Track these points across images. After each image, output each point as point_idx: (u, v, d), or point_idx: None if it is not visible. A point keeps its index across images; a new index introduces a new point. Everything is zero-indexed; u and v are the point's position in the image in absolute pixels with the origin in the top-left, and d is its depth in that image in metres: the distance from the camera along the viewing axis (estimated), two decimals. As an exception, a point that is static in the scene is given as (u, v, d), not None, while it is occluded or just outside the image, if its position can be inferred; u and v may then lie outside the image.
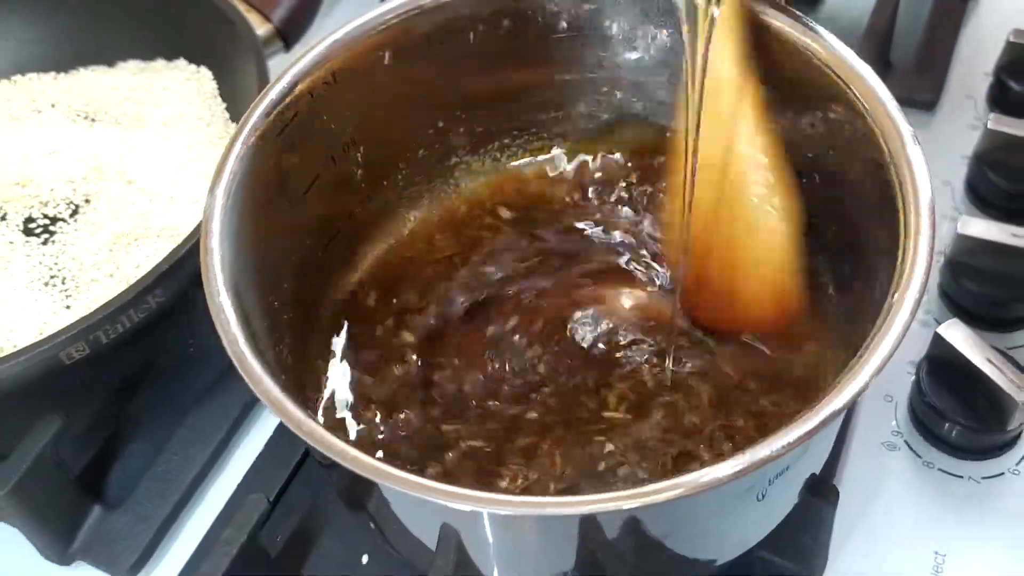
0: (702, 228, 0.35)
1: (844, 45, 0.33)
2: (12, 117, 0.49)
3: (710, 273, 0.36)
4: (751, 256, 0.35)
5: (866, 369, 0.26)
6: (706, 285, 0.36)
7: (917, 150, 0.30)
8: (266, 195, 0.34)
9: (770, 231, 0.34)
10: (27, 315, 0.41)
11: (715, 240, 0.35)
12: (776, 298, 0.35)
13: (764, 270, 0.35)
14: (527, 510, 0.25)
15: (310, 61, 0.35)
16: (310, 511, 0.40)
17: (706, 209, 0.35)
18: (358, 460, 0.26)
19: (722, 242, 0.35)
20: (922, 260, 0.27)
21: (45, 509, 0.39)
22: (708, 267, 0.36)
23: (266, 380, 0.28)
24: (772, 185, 0.34)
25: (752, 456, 0.25)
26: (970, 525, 0.39)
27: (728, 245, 0.35)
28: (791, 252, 0.34)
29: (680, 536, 0.30)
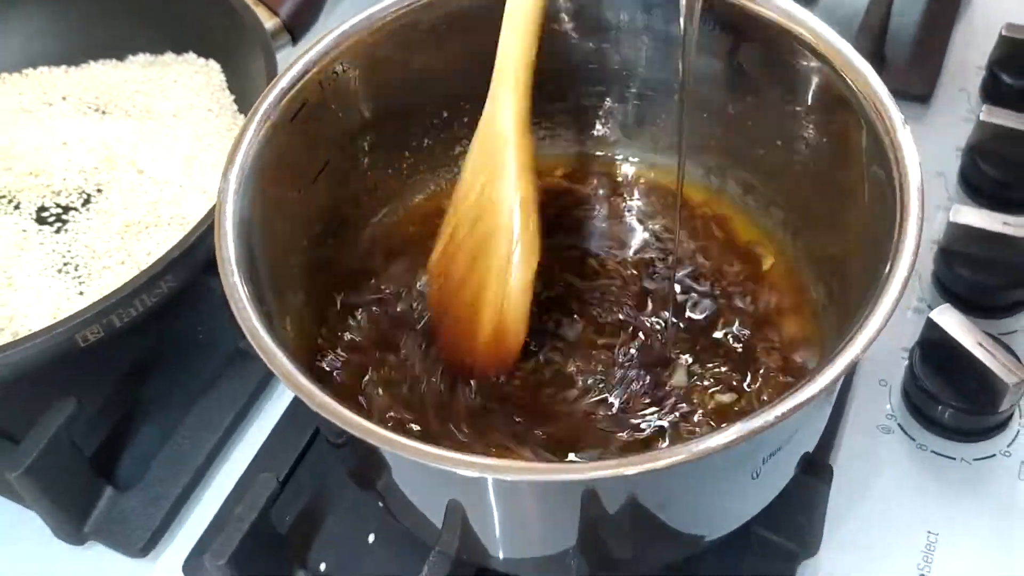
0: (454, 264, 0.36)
1: (835, 33, 0.34)
2: (24, 109, 0.50)
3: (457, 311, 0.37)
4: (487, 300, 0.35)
5: (860, 339, 0.27)
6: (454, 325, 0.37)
7: (907, 134, 0.31)
8: (277, 180, 0.35)
9: (502, 277, 0.35)
10: (41, 301, 0.42)
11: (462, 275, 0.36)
12: (495, 345, 0.36)
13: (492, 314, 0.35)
14: (530, 476, 0.26)
15: (320, 51, 0.36)
16: (318, 492, 0.41)
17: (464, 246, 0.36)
18: (368, 429, 0.27)
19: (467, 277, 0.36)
20: (911, 237, 0.28)
21: (59, 490, 0.39)
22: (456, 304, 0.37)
23: (280, 355, 0.28)
24: (516, 239, 0.35)
25: (746, 426, 0.26)
26: (962, 505, 0.40)
27: (471, 282, 0.36)
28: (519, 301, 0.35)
29: (676, 509, 0.31)
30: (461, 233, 0.36)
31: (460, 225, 0.36)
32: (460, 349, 0.37)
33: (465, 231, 0.35)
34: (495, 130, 0.35)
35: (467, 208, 0.35)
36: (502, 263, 0.34)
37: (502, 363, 0.37)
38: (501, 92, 0.35)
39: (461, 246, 0.36)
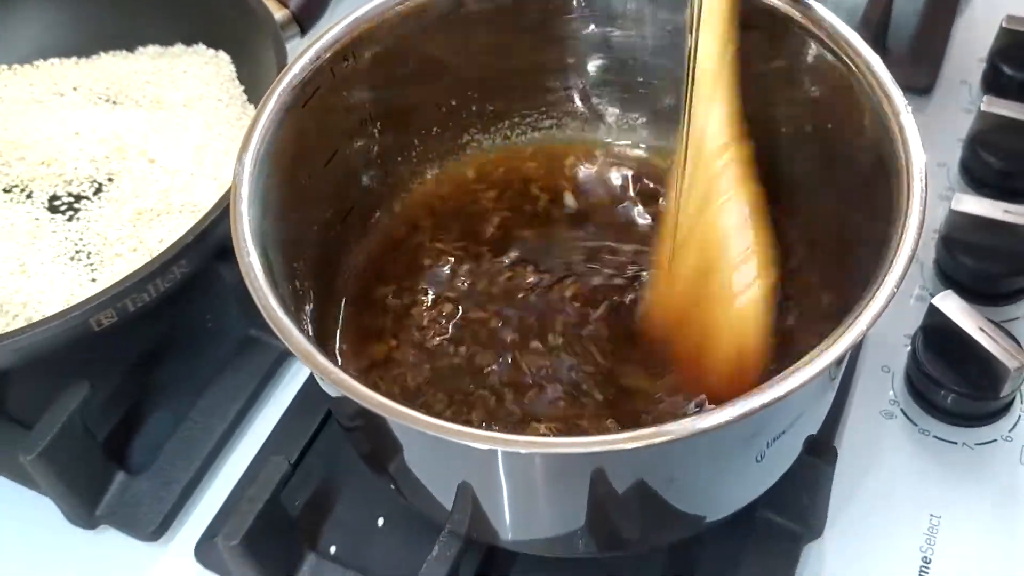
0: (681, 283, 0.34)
1: (839, 19, 0.34)
2: (35, 100, 0.51)
3: (682, 328, 0.35)
4: (722, 321, 0.33)
5: (864, 316, 0.27)
6: (676, 338, 0.35)
7: (910, 117, 0.31)
8: (289, 165, 0.35)
9: (743, 298, 0.33)
10: (54, 288, 0.43)
11: (690, 298, 0.34)
12: (737, 365, 0.34)
13: (731, 337, 0.33)
14: (539, 449, 0.27)
15: (332, 37, 0.36)
16: (328, 476, 0.41)
17: (686, 267, 0.34)
18: (380, 403, 0.27)
19: (696, 300, 0.34)
20: (915, 216, 0.29)
21: (72, 474, 0.40)
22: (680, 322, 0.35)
23: (295, 332, 0.29)
24: (751, 249, 0.33)
25: (754, 400, 0.26)
26: (964, 490, 0.40)
27: (702, 305, 0.34)
28: (760, 320, 0.33)
29: (682, 487, 0.31)
30: (688, 261, 0.33)
31: (684, 253, 0.33)
32: (695, 368, 0.35)
33: (691, 258, 0.33)
34: (708, 141, 0.33)
35: (687, 229, 0.33)
36: (734, 279, 0.32)
37: (744, 381, 0.32)
38: (712, 96, 0.33)
39: (687, 276, 0.33)
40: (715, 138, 0.33)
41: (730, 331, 0.33)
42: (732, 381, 0.33)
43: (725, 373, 0.34)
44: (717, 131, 0.33)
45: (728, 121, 0.33)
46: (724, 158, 0.33)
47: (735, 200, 0.33)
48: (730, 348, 0.33)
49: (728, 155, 0.33)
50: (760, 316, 0.33)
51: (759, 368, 0.33)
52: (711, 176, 0.33)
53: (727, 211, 0.33)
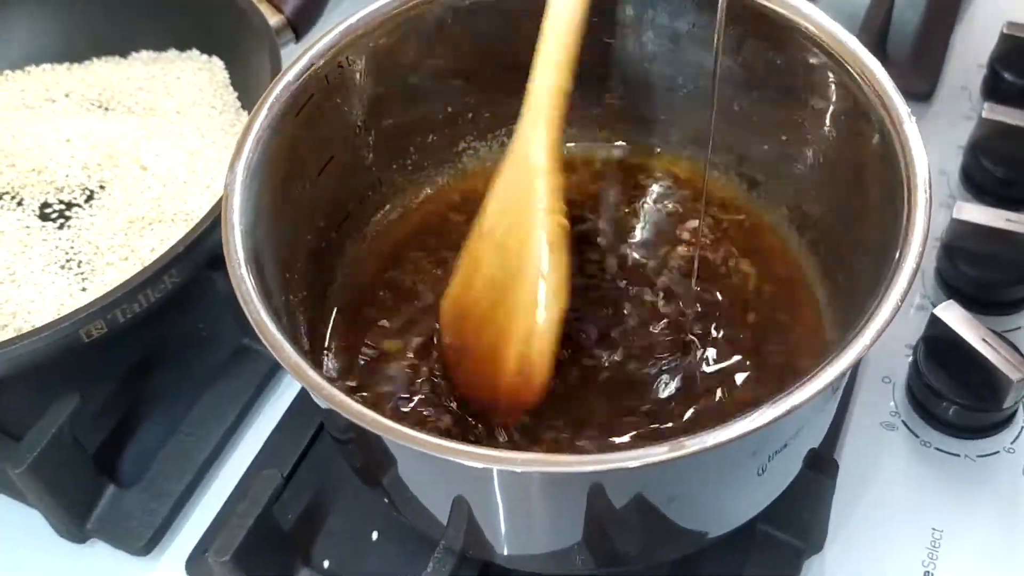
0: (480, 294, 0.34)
1: (841, 27, 0.34)
2: (27, 106, 0.50)
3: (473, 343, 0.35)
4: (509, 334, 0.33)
5: (868, 332, 0.27)
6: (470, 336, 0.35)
7: (913, 126, 0.31)
8: (283, 174, 0.35)
9: (529, 318, 0.33)
10: (44, 297, 0.42)
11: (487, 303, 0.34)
12: (517, 378, 0.34)
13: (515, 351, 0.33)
14: (536, 467, 0.26)
15: (326, 44, 0.36)
16: (322, 489, 0.41)
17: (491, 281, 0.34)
18: (374, 420, 0.27)
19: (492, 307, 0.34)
20: (919, 228, 0.28)
21: (61, 487, 0.39)
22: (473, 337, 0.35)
23: (287, 347, 0.28)
24: (544, 278, 0.33)
25: (755, 420, 0.26)
26: (966, 503, 0.40)
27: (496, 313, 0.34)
28: (541, 342, 0.33)
29: (683, 504, 0.31)
30: (485, 269, 0.34)
31: (482, 261, 0.34)
32: (479, 389, 0.35)
33: (489, 268, 0.34)
34: (525, 163, 0.33)
35: (491, 244, 0.34)
36: (529, 303, 0.32)
37: (524, 405, 0.34)
38: (533, 122, 0.33)
39: (484, 283, 0.34)
40: (533, 165, 0.34)
41: (515, 345, 0.33)
42: (509, 391, 0.34)
43: (504, 382, 0.34)
44: (539, 155, 0.34)
45: (551, 148, 0.34)
46: (539, 186, 0.33)
47: (541, 227, 0.33)
48: (513, 361, 0.34)
49: (542, 184, 0.33)
50: (541, 339, 0.33)
51: (536, 386, 0.34)
52: (526, 197, 0.34)
53: (533, 235, 0.33)
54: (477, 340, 0.35)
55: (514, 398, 0.35)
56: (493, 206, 0.35)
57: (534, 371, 0.33)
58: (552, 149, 0.33)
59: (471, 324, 0.35)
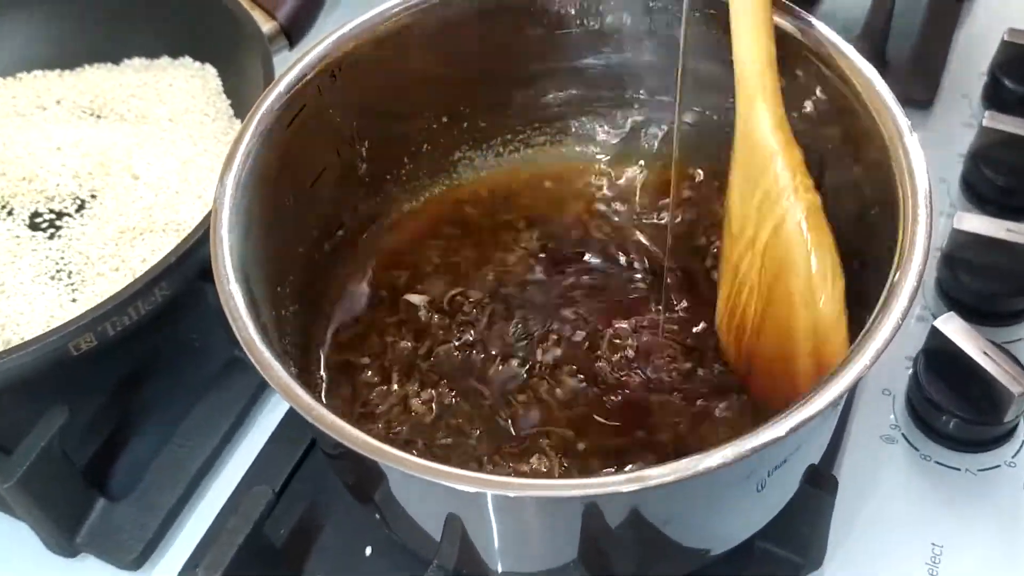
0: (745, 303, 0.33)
1: (841, 39, 0.33)
2: (18, 113, 0.50)
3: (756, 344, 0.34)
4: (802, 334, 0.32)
5: (867, 352, 0.26)
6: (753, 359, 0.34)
7: (914, 140, 0.30)
8: (274, 186, 0.34)
9: (820, 307, 0.31)
10: (34, 308, 0.41)
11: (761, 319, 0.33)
12: (819, 369, 0.32)
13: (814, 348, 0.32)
14: (530, 492, 0.26)
15: (318, 55, 0.36)
16: (314, 504, 0.40)
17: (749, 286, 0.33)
18: (366, 443, 0.26)
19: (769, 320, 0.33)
20: (920, 246, 0.28)
21: (51, 501, 0.39)
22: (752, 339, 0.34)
23: (276, 366, 0.28)
24: (814, 254, 0.31)
25: (754, 440, 0.25)
26: (967, 517, 0.39)
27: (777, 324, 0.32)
28: (842, 323, 0.31)
29: (680, 524, 0.30)
30: (748, 273, 0.32)
31: (743, 265, 0.32)
32: (778, 389, 0.33)
33: (752, 269, 0.32)
34: (757, 148, 0.31)
35: (746, 244, 0.32)
36: (807, 293, 0.30)
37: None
38: (754, 102, 0.31)
39: (751, 287, 0.32)
40: (764, 147, 0.32)
41: (813, 342, 0.31)
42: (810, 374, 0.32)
43: (805, 381, 0.32)
44: (768, 135, 0.32)
45: (778, 124, 0.32)
46: (775, 167, 0.31)
47: (793, 210, 0.31)
48: (809, 358, 0.32)
49: (779, 163, 0.31)
50: (840, 320, 0.31)
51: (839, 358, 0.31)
52: (769, 184, 0.32)
53: (789, 221, 0.31)
54: (763, 348, 0.33)
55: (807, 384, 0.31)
56: (737, 205, 0.33)
57: (831, 360, 0.31)
58: (778, 124, 0.31)
59: (751, 335, 0.34)
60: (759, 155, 0.32)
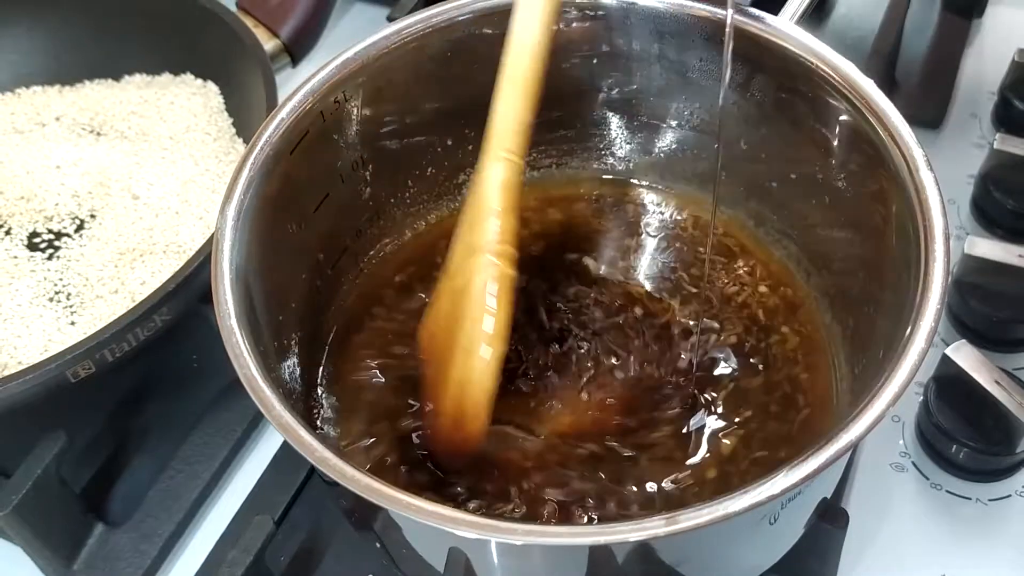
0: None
1: (856, 69, 0.33)
2: (16, 130, 0.49)
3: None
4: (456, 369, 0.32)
5: (883, 396, 0.26)
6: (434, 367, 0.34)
7: (930, 175, 0.30)
8: (276, 214, 0.34)
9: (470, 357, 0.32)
10: (32, 331, 0.41)
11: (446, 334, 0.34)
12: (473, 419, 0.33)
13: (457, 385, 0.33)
14: (535, 539, 0.25)
15: (322, 79, 0.35)
16: (314, 531, 0.39)
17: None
18: (371, 488, 0.26)
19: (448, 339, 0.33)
20: (936, 288, 0.27)
21: (48, 527, 0.38)
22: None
23: (278, 407, 0.27)
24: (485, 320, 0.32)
25: (772, 487, 0.25)
26: (977, 547, 0.39)
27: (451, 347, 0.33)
28: (481, 377, 0.32)
29: (692, 564, 0.30)
30: (445, 307, 0.33)
31: (443, 299, 0.33)
32: (434, 427, 0.35)
33: (449, 306, 0.33)
34: (479, 201, 0.32)
35: (449, 283, 0.33)
36: (467, 347, 0.32)
37: (463, 448, 0.34)
38: (490, 161, 0.32)
39: (444, 321, 0.33)
40: (485, 202, 0.33)
41: (458, 379, 0.33)
42: (450, 434, 0.33)
43: (446, 425, 0.34)
44: (493, 194, 0.32)
45: (505, 187, 0.32)
46: (487, 225, 0.32)
47: (485, 270, 0.32)
48: (451, 403, 0.33)
49: (492, 223, 0.32)
50: (481, 374, 0.32)
51: (471, 432, 0.33)
52: (477, 238, 0.33)
53: (476, 278, 0.32)
54: (433, 378, 0.34)
55: (455, 442, 0.34)
56: (454, 244, 0.34)
57: (467, 418, 0.32)
58: (507, 187, 0.32)
59: (431, 361, 0.35)
60: (480, 208, 0.32)
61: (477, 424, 0.32)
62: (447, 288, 0.33)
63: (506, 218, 0.32)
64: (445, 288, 0.34)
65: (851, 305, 0.36)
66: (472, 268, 0.32)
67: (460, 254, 0.33)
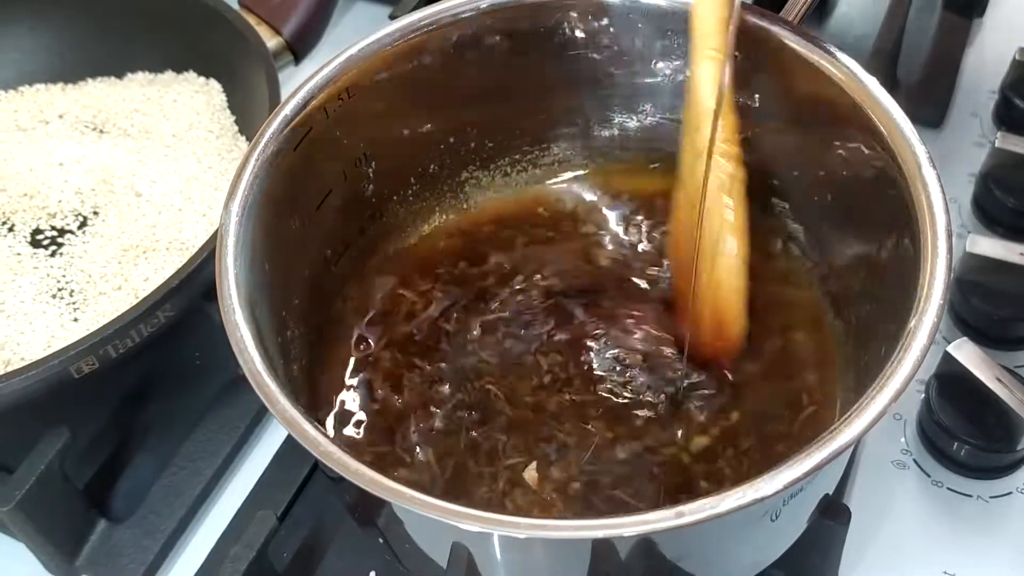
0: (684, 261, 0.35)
1: (859, 66, 0.33)
2: (19, 127, 0.49)
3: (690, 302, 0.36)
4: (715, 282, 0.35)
5: (885, 393, 0.26)
6: (688, 315, 0.36)
7: (932, 173, 0.30)
8: (280, 211, 0.34)
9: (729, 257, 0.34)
10: (35, 327, 0.41)
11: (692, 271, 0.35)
12: (732, 321, 0.35)
13: (724, 295, 0.35)
14: (539, 532, 0.25)
15: (325, 77, 0.35)
16: (317, 527, 0.40)
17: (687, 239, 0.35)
18: (375, 481, 0.26)
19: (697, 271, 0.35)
20: (939, 284, 0.27)
21: (51, 523, 0.38)
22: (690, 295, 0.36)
23: (282, 401, 0.27)
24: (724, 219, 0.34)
25: (774, 482, 0.25)
26: (978, 544, 0.39)
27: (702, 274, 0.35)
28: (742, 276, 0.34)
29: (694, 559, 0.30)
30: (682, 214, 0.35)
31: (681, 208, 0.35)
32: (693, 333, 0.36)
33: (685, 214, 0.34)
34: (698, 101, 0.33)
35: (683, 192, 0.34)
36: (714, 244, 0.33)
37: (722, 352, 0.36)
38: (699, 57, 0.33)
39: (683, 227, 0.35)
40: (705, 102, 0.34)
41: (709, 281, 0.34)
42: (708, 337, 0.35)
43: (701, 330, 0.35)
44: (707, 95, 0.34)
45: (716, 86, 0.33)
46: (708, 126, 0.33)
47: (712, 170, 0.33)
48: (710, 299, 0.35)
49: (710, 124, 0.33)
50: (729, 271, 0.34)
51: (730, 333, 0.35)
52: (699, 141, 0.34)
53: (704, 180, 0.33)
54: (684, 287, 0.36)
55: (712, 346, 0.35)
56: (682, 148, 0.35)
57: (724, 317, 0.34)
58: (720, 84, 0.33)
59: (680, 270, 0.36)
60: (698, 108, 0.34)
61: (735, 323, 0.34)
62: (682, 196, 0.35)
63: (724, 117, 0.33)
64: (680, 196, 0.35)
65: (853, 302, 0.36)
66: (700, 172, 0.33)
67: (689, 158, 0.34)
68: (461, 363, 0.38)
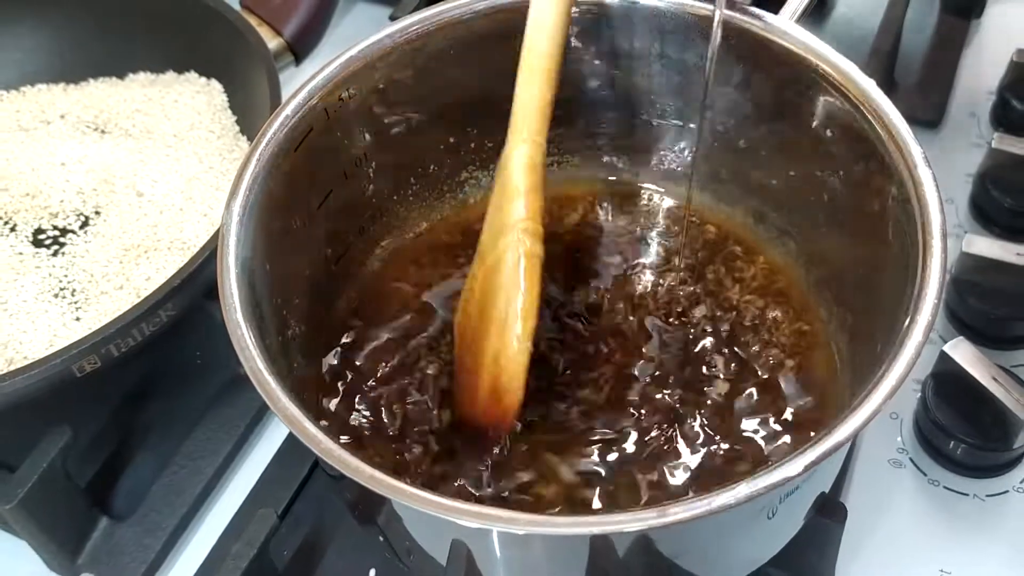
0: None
1: (856, 68, 0.33)
2: (21, 127, 0.49)
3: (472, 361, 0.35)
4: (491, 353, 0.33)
5: (880, 390, 0.26)
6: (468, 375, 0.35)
7: (928, 172, 0.30)
8: (281, 210, 0.34)
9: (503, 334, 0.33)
10: (37, 327, 0.41)
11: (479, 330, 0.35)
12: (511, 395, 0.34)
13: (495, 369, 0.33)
14: (537, 529, 0.25)
15: (325, 77, 0.35)
16: (317, 525, 0.40)
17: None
18: (375, 478, 0.26)
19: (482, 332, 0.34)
20: (934, 283, 0.27)
21: (53, 521, 0.39)
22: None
23: (283, 399, 0.28)
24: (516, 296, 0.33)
25: (768, 478, 0.25)
26: (975, 543, 0.39)
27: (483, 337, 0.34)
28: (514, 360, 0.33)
29: (691, 556, 0.30)
30: (478, 290, 0.34)
31: (477, 281, 0.35)
32: (466, 405, 0.36)
33: (481, 289, 0.34)
34: (507, 182, 0.33)
35: (482, 265, 0.34)
36: (500, 325, 0.33)
37: (500, 422, 0.35)
38: (515, 144, 0.33)
39: (476, 304, 0.34)
40: (512, 183, 0.34)
41: (489, 366, 0.33)
42: (487, 412, 0.34)
43: (482, 404, 0.35)
44: (518, 174, 0.34)
45: (530, 167, 0.33)
46: (514, 206, 0.33)
47: (515, 249, 0.33)
48: (488, 381, 0.34)
49: (519, 204, 0.33)
50: (510, 360, 0.33)
51: (507, 408, 0.34)
52: (505, 218, 0.34)
53: (506, 257, 0.33)
54: (469, 359, 0.35)
55: (491, 416, 0.35)
56: (485, 225, 0.35)
57: (503, 390, 0.33)
58: (532, 168, 0.33)
59: (466, 343, 0.35)
60: (507, 189, 0.33)
61: (513, 397, 0.33)
62: (479, 269, 0.34)
63: (532, 197, 0.33)
64: (478, 269, 0.35)
65: (849, 301, 0.37)
66: (502, 247, 0.33)
67: (490, 235, 0.34)
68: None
